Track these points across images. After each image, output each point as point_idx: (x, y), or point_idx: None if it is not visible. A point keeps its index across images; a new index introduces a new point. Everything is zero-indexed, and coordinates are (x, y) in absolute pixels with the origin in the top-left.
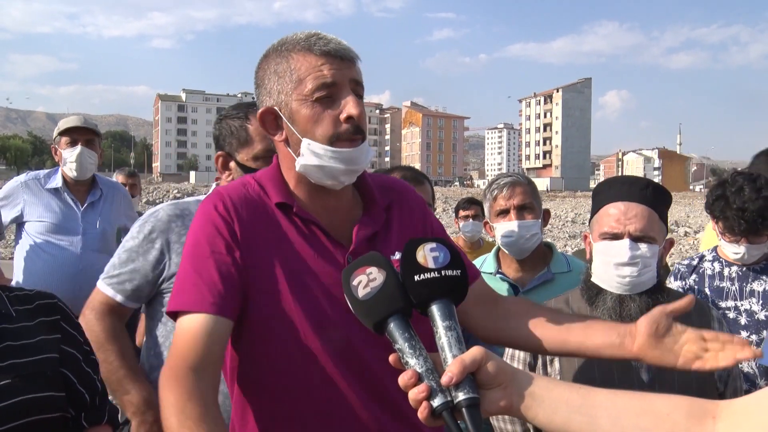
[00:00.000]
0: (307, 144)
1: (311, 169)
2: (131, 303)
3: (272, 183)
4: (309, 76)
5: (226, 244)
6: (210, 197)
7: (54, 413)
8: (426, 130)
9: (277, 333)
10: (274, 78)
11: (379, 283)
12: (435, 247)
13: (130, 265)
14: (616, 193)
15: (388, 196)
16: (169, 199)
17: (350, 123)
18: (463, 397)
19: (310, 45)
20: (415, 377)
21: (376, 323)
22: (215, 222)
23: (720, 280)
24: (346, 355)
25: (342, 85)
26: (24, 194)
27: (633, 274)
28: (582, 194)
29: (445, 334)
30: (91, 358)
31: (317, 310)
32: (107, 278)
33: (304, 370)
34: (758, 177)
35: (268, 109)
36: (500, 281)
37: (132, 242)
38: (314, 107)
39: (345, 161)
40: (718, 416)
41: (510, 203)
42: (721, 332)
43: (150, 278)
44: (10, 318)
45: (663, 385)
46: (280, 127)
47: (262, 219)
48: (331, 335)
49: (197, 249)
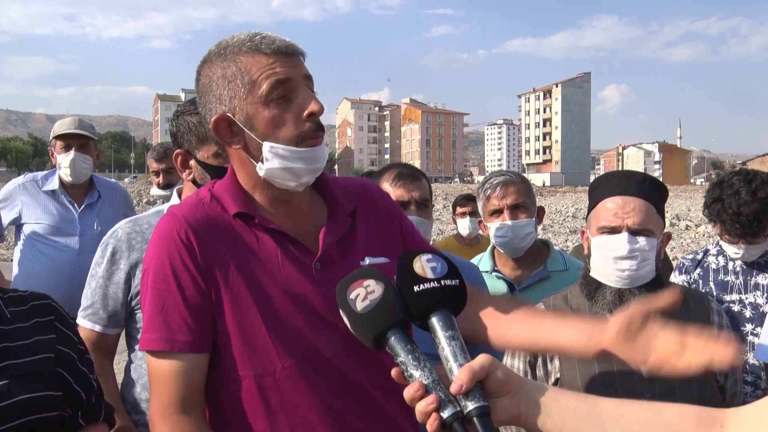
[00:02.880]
0: (269, 147)
1: (276, 172)
2: (111, 330)
3: (229, 193)
4: (261, 76)
5: (190, 274)
6: (166, 221)
7: (51, 412)
8: (425, 126)
9: (248, 348)
10: (223, 83)
11: (378, 295)
12: (431, 257)
13: (100, 291)
14: (614, 188)
15: (353, 200)
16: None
17: (312, 120)
18: (473, 406)
19: (256, 45)
20: (423, 389)
21: (376, 336)
22: (176, 250)
23: (724, 274)
24: (321, 364)
25: (296, 82)
26: (22, 196)
27: (632, 267)
28: (582, 189)
29: (449, 344)
30: (86, 358)
31: (288, 321)
32: (82, 311)
33: (278, 384)
34: (755, 176)
35: (222, 116)
36: (496, 279)
37: (98, 268)
38: (272, 109)
39: (309, 160)
40: (726, 424)
41: (503, 203)
42: (707, 330)
43: (122, 300)
44: (4, 320)
45: (662, 379)
46: (235, 134)
47: (222, 236)
48: (305, 344)
49: (160, 283)
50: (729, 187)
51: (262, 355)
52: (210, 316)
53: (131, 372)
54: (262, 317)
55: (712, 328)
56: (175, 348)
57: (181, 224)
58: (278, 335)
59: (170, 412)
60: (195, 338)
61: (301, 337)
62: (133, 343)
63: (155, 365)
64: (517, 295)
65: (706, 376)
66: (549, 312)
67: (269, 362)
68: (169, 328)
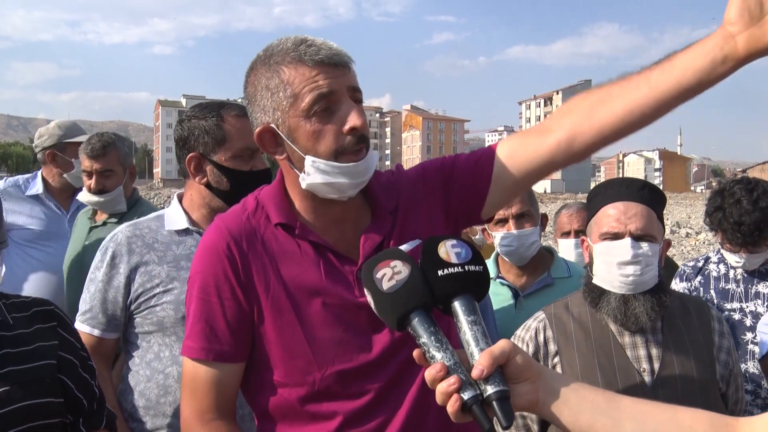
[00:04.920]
0: (311, 162)
1: (318, 187)
2: (110, 334)
3: (274, 202)
4: (304, 89)
5: (231, 286)
6: (211, 232)
7: (53, 419)
8: (426, 133)
9: (288, 358)
10: (267, 94)
11: (404, 276)
12: (456, 243)
13: (99, 295)
14: (614, 194)
15: (393, 195)
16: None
17: (353, 134)
18: (492, 390)
19: (300, 55)
20: (444, 370)
21: (399, 317)
22: (219, 263)
23: (725, 282)
24: (360, 374)
25: (340, 95)
26: (5, 202)
27: (636, 272)
28: (583, 196)
29: (470, 329)
30: (88, 364)
31: (327, 331)
32: (81, 316)
33: (318, 394)
34: (756, 185)
35: (266, 128)
36: (500, 286)
37: (97, 272)
38: (314, 123)
39: (351, 175)
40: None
41: (508, 212)
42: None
43: (121, 305)
44: (7, 326)
45: (666, 387)
46: (279, 144)
47: (264, 246)
48: (344, 354)
49: (202, 293)
50: (730, 196)
51: (302, 366)
52: (248, 328)
53: (129, 379)
54: (303, 329)
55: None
56: (211, 357)
57: (225, 236)
58: (318, 347)
59: (209, 418)
60: (231, 349)
61: (341, 348)
62: (131, 349)
63: (193, 371)
64: (521, 302)
65: (709, 383)
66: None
67: (308, 372)
68: (207, 338)
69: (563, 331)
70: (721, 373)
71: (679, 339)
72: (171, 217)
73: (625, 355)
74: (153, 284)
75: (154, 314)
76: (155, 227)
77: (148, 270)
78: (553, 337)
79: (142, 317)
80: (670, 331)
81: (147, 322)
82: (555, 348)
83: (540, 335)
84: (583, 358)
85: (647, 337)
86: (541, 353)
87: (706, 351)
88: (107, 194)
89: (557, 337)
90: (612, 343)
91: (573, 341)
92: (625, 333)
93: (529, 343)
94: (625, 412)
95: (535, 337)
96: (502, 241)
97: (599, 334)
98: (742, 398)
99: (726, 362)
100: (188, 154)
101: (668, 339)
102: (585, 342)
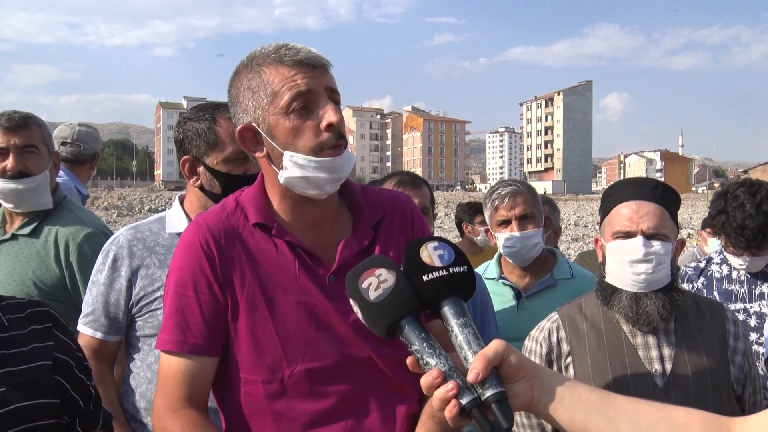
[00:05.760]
0: (289, 156)
1: (295, 181)
2: (112, 337)
3: (253, 203)
4: (283, 87)
5: (207, 281)
6: (191, 229)
7: (48, 420)
8: (427, 134)
9: (259, 355)
10: (248, 94)
11: (390, 284)
12: (438, 245)
13: (101, 298)
14: (627, 193)
15: (379, 212)
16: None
17: (331, 131)
18: (491, 393)
19: (280, 56)
20: (441, 376)
21: (389, 326)
22: (197, 258)
23: (728, 283)
24: (328, 374)
25: (318, 94)
26: None
27: (648, 271)
28: (584, 197)
29: (462, 332)
30: (84, 365)
31: (299, 330)
32: (83, 318)
33: (286, 391)
34: (759, 188)
35: (246, 126)
36: (503, 286)
37: (99, 275)
38: (293, 120)
39: (329, 170)
40: (733, 431)
41: (511, 214)
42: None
43: (123, 308)
44: (2, 327)
45: (678, 389)
46: (260, 143)
47: (242, 245)
48: (313, 354)
49: (179, 287)
50: (734, 200)
51: (272, 362)
52: (223, 323)
53: (130, 380)
54: (275, 325)
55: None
56: (185, 350)
57: (204, 232)
58: (288, 344)
59: (178, 407)
60: (206, 342)
61: (311, 347)
62: (132, 351)
63: (166, 363)
64: (523, 303)
65: (723, 386)
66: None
67: (278, 369)
68: (182, 331)
69: (576, 332)
70: (736, 375)
71: (692, 340)
72: (172, 219)
73: (637, 355)
74: (154, 288)
75: (155, 318)
76: (156, 230)
77: (149, 273)
78: (566, 337)
79: (143, 320)
80: (683, 332)
81: (148, 326)
82: (568, 348)
83: (553, 335)
84: (595, 358)
85: (660, 337)
86: (554, 353)
87: (719, 353)
88: (29, 179)
89: (570, 337)
90: (624, 344)
91: (585, 342)
92: (638, 334)
93: (542, 343)
94: (619, 410)
95: (549, 337)
96: (505, 242)
97: (611, 335)
98: (761, 401)
99: (741, 365)
100: (183, 156)
101: (681, 340)
102: (597, 343)
